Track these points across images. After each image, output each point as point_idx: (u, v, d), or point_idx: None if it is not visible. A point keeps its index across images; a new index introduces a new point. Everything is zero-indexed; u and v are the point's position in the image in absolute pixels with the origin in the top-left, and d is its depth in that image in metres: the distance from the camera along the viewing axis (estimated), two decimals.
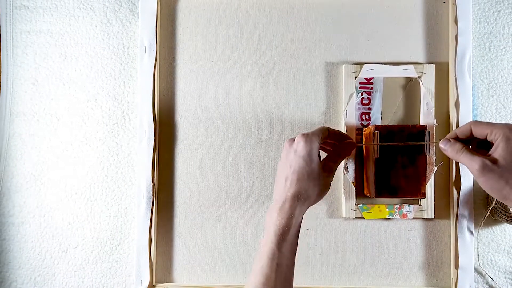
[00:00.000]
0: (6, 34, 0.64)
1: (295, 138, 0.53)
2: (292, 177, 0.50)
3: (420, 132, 0.56)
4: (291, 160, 0.51)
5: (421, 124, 0.61)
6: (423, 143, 0.56)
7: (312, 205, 0.52)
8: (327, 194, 0.54)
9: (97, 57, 0.64)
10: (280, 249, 0.48)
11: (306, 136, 0.52)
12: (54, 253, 0.64)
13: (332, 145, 0.57)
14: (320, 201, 0.53)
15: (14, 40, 0.64)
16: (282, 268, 0.48)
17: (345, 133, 0.60)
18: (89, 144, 0.64)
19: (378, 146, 0.56)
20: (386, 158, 0.55)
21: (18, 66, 0.64)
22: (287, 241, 0.49)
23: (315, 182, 0.51)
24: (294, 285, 0.62)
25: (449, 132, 0.61)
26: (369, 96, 0.62)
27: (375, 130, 0.57)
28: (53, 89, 0.64)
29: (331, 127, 0.56)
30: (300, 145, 0.51)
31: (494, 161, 0.46)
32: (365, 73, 0.62)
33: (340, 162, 0.55)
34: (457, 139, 0.51)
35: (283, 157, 0.53)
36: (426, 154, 0.56)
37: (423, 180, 0.56)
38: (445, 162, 0.62)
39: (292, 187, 0.50)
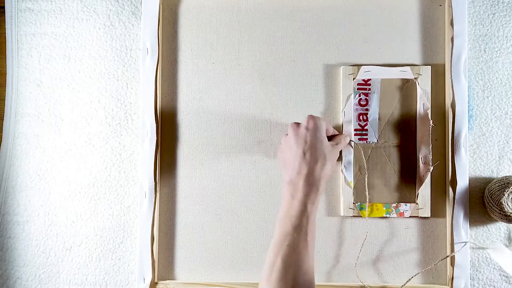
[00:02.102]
0: (11, 36, 0.65)
1: (298, 122, 0.58)
2: (311, 150, 0.55)
3: None
4: (304, 136, 0.56)
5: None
6: None
7: (328, 178, 0.59)
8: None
9: (101, 59, 0.66)
10: (310, 212, 0.52)
11: (315, 117, 0.57)
12: (58, 251, 0.65)
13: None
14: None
15: (19, 42, 0.66)
16: (311, 227, 0.52)
17: (341, 133, 0.63)
18: (92, 144, 0.65)
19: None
20: None
21: (23, 68, 0.66)
22: (315, 206, 0.53)
23: (330, 157, 0.56)
24: None
25: (445, 132, 0.63)
26: (367, 97, 0.63)
27: None
28: (57, 90, 0.66)
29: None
30: (311, 123, 0.56)
31: None
32: (362, 74, 0.63)
33: (341, 148, 0.60)
34: None
35: (292, 135, 0.57)
36: None
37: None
38: (441, 162, 0.63)
39: (313, 158, 0.54)
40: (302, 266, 0.49)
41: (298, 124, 0.57)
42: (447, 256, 0.62)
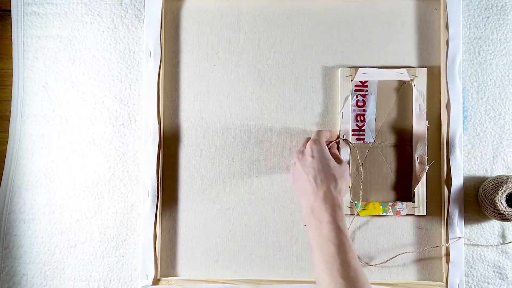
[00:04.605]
0: (18, 39, 0.67)
1: (302, 149, 0.59)
2: (321, 176, 0.56)
3: None
4: (311, 164, 0.57)
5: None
6: None
7: (345, 194, 0.59)
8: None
9: (104, 61, 0.67)
10: (343, 228, 0.54)
11: (315, 142, 0.58)
12: (63, 248, 0.66)
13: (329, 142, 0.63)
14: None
15: (25, 45, 0.67)
16: (349, 240, 0.54)
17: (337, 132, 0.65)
18: (96, 144, 0.67)
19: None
20: None
21: (29, 70, 0.67)
22: (343, 222, 0.54)
23: (340, 175, 0.57)
24: (292, 279, 0.65)
25: (441, 133, 0.64)
26: (364, 99, 0.65)
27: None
28: (62, 92, 0.67)
29: (324, 129, 0.64)
30: (314, 150, 0.58)
31: None
32: (360, 76, 0.64)
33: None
34: None
35: (299, 165, 0.58)
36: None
37: None
38: (437, 161, 0.64)
39: (325, 182, 0.56)
40: (358, 269, 0.51)
41: (302, 153, 0.59)
42: (437, 246, 0.63)
